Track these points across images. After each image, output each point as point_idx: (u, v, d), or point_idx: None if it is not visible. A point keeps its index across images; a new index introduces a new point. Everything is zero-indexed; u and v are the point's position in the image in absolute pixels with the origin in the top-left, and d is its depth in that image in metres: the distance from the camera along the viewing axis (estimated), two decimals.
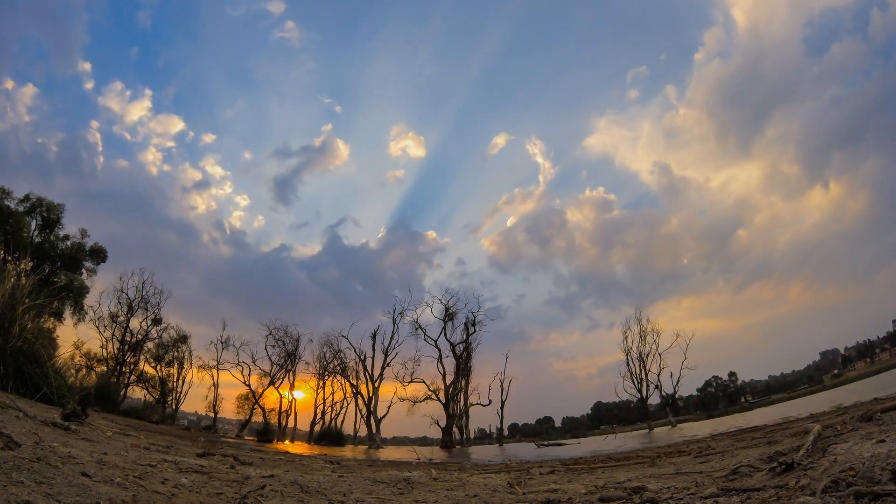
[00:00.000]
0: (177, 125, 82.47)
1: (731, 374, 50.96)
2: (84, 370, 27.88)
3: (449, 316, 39.66)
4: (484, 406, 39.56)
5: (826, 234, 67.20)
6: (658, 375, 38.85)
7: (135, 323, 36.07)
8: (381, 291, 79.67)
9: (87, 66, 74.98)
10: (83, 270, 30.44)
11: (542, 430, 53.22)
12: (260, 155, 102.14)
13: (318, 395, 41.36)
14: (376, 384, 38.92)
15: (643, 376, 39.08)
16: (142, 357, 36.80)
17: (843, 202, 68.08)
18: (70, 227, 29.76)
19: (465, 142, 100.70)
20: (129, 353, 35.53)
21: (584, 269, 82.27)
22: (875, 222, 61.59)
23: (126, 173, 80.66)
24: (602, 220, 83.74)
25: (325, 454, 15.60)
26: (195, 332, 56.70)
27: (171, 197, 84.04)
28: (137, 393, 36.97)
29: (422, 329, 39.63)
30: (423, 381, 38.77)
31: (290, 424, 40.65)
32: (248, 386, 39.60)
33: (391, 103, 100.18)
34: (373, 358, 39.56)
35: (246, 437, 34.68)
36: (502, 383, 40.17)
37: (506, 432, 43.48)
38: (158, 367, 37.85)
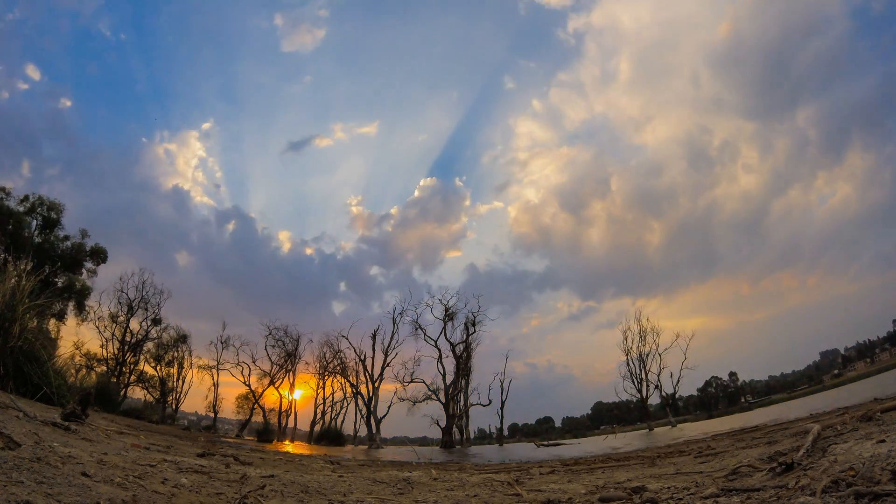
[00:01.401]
0: (170, 56, 72.11)
1: (731, 374, 50.98)
2: (84, 370, 27.88)
3: (449, 316, 39.68)
4: (484, 406, 39.60)
5: (851, 215, 64.63)
6: (658, 375, 38.86)
7: (134, 323, 36.16)
8: (399, 275, 73.12)
9: None
10: (83, 271, 30.48)
11: (542, 430, 53.17)
12: (270, 108, 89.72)
13: (318, 395, 41.43)
14: (376, 384, 38.95)
15: (643, 376, 39.12)
16: (142, 357, 36.85)
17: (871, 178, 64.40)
18: (66, 219, 29.70)
19: (507, 98, 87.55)
20: (129, 353, 35.55)
21: (612, 250, 77.41)
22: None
23: (113, 125, 72.61)
24: (642, 187, 77.13)
25: (325, 454, 15.58)
26: (193, 328, 54.76)
27: (165, 161, 74.90)
28: (137, 393, 37.00)
29: (422, 329, 39.66)
30: (423, 381, 38.82)
31: (290, 424, 40.68)
32: (248, 386, 39.66)
33: (429, 53, 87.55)
34: (373, 358, 39.58)
35: (246, 437, 34.64)
36: (502, 383, 40.21)
37: (506, 432, 43.44)
38: (158, 367, 37.90)
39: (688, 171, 75.23)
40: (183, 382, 38.88)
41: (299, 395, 41.60)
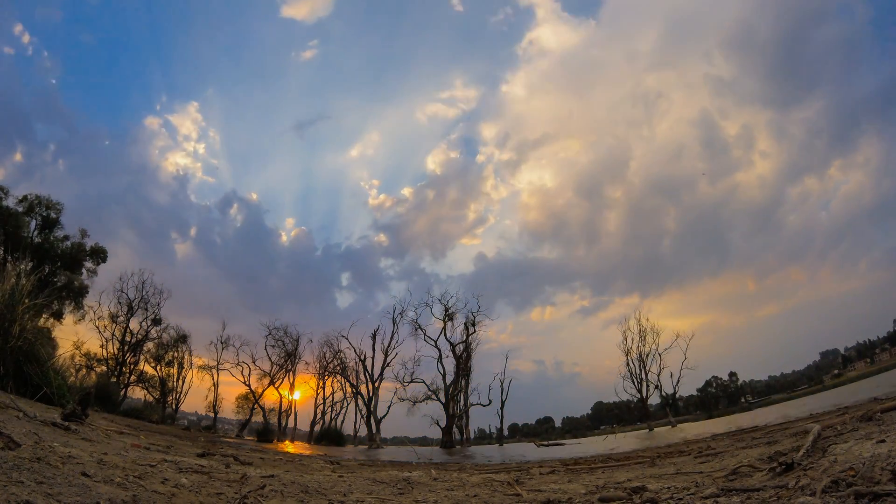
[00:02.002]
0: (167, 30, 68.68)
1: (732, 374, 50.92)
2: (84, 370, 27.87)
3: (449, 316, 39.69)
4: (484, 406, 39.62)
5: (866, 205, 61.88)
6: (658, 375, 38.87)
7: (134, 323, 36.16)
8: (409, 265, 70.16)
9: None
10: (83, 270, 30.47)
11: (542, 430, 53.14)
12: (277, 81, 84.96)
13: (318, 395, 41.45)
14: (376, 384, 38.98)
15: (643, 376, 39.11)
16: (142, 357, 36.86)
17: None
18: (68, 223, 29.70)
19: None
20: (129, 353, 35.55)
21: (629, 240, 73.76)
22: None
23: (108, 100, 70.22)
24: (660, 173, 73.37)
25: (325, 454, 15.59)
26: (193, 324, 53.65)
27: (166, 135, 72.17)
28: (137, 393, 37.00)
29: (422, 329, 39.69)
30: (423, 382, 38.83)
31: (290, 424, 40.72)
32: (248, 386, 39.68)
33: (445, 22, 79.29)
34: (373, 358, 39.65)
35: (246, 437, 34.66)
36: (502, 383, 40.23)
37: (506, 432, 43.46)
38: (158, 367, 37.91)
39: (703, 155, 71.83)
40: (183, 382, 38.92)
41: (299, 395, 41.71)
